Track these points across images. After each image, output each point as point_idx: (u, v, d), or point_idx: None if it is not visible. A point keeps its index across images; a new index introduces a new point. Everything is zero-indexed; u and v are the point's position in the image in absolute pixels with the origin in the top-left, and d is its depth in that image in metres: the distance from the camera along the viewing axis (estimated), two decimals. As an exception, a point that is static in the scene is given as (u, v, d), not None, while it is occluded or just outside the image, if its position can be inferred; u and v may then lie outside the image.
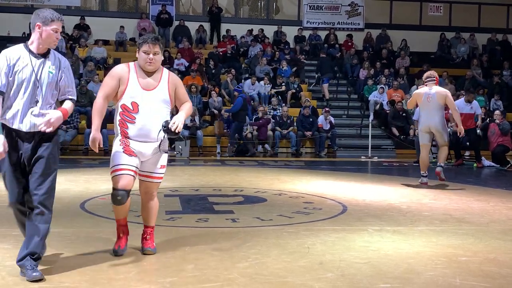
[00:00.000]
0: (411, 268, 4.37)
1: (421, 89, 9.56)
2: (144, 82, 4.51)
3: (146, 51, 4.48)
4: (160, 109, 4.51)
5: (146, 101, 4.47)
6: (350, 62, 20.27)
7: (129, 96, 4.47)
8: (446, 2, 22.74)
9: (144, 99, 4.47)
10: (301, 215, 6.51)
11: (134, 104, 4.46)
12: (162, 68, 4.62)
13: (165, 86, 4.55)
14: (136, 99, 4.46)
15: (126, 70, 4.54)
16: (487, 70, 20.43)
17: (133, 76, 4.51)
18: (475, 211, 6.95)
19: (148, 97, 4.48)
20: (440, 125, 9.20)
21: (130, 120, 4.48)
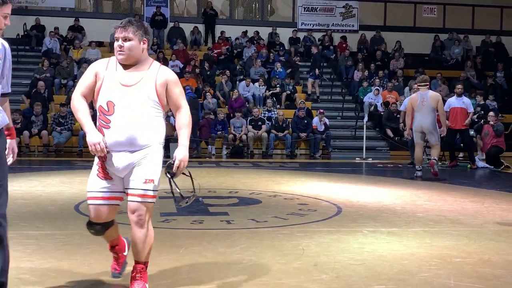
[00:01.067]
0: (405, 270, 4.38)
1: (414, 94, 10.76)
2: (123, 76, 3.63)
3: (116, 37, 3.67)
4: (142, 109, 3.59)
5: (123, 99, 3.57)
6: (344, 64, 20.30)
7: (104, 95, 3.61)
8: (440, 4, 22.81)
9: (121, 97, 3.57)
10: (296, 217, 6.52)
11: (110, 104, 3.58)
12: (151, 61, 3.76)
13: (150, 81, 3.63)
14: (112, 98, 3.58)
15: (105, 63, 3.73)
16: (481, 72, 20.50)
17: (111, 69, 3.67)
18: (469, 212, 6.97)
19: (127, 95, 3.58)
20: (431, 126, 10.24)
21: (105, 125, 3.59)
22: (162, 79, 3.67)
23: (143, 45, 3.67)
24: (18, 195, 7.71)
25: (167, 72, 3.75)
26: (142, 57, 3.68)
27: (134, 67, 3.66)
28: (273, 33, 21.49)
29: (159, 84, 3.65)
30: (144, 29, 3.68)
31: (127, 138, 3.57)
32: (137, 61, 3.65)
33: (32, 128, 14.92)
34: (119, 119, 3.56)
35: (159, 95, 3.65)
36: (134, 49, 3.63)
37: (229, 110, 16.64)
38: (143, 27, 3.70)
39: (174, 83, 3.72)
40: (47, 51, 19.04)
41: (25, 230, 5.60)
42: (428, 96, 10.30)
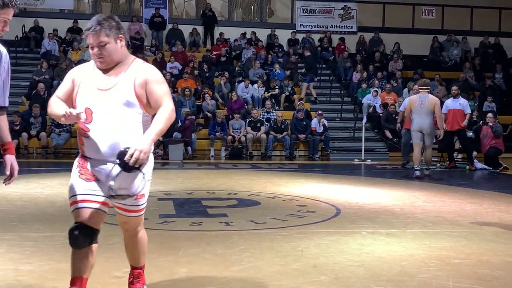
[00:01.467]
0: (404, 271, 4.38)
1: (414, 96, 11.17)
2: (100, 80, 3.31)
3: (90, 44, 3.30)
4: (122, 115, 3.23)
5: (101, 105, 3.24)
6: (343, 65, 20.32)
7: (81, 102, 3.29)
8: (439, 6, 22.84)
9: (98, 102, 3.24)
10: (295, 218, 6.52)
11: (88, 111, 3.25)
12: (132, 59, 3.39)
13: (128, 82, 3.26)
14: (89, 104, 3.26)
15: (83, 68, 3.44)
16: (480, 73, 20.52)
17: (88, 74, 3.35)
18: (468, 214, 6.97)
19: (104, 100, 3.24)
20: (429, 128, 10.75)
21: (84, 133, 3.29)
22: (141, 78, 3.28)
23: (120, 43, 3.30)
24: (17, 197, 7.70)
25: (148, 70, 3.35)
26: (122, 57, 3.33)
27: (113, 69, 3.32)
28: (271, 35, 21.51)
29: (138, 84, 3.27)
30: (116, 24, 3.28)
31: (108, 147, 3.22)
32: (118, 62, 3.32)
33: (30, 130, 14.92)
34: (98, 127, 3.23)
35: (139, 97, 3.26)
36: (114, 52, 3.28)
37: (228, 111, 16.65)
38: (115, 21, 3.29)
39: (155, 82, 3.30)
40: (45, 53, 19.05)
41: (24, 232, 5.59)
42: (426, 99, 10.77)
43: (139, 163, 3.06)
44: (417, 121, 10.75)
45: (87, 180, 3.28)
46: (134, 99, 3.25)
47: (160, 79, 3.34)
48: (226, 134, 15.63)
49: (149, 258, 4.61)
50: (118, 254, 4.72)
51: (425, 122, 10.68)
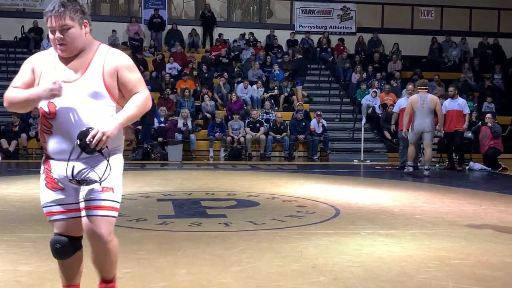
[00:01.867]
0: (403, 271, 4.38)
1: (415, 96, 11.35)
2: (64, 70, 2.96)
3: (50, 28, 2.91)
4: (89, 108, 2.91)
5: (66, 99, 2.89)
6: (342, 66, 20.32)
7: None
8: (438, 6, 22.85)
9: (63, 96, 2.89)
10: (294, 219, 6.52)
11: (50, 105, 2.92)
12: (97, 45, 3.04)
13: (96, 72, 2.94)
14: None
15: (43, 56, 3.07)
16: (479, 74, 20.53)
17: (49, 63, 3.00)
18: (467, 214, 6.97)
19: (69, 93, 2.90)
20: (430, 126, 11.08)
21: (47, 130, 2.98)
22: (110, 66, 2.95)
23: (85, 29, 2.95)
24: (16, 198, 7.70)
25: (117, 56, 3.01)
26: (86, 43, 2.98)
27: (76, 57, 2.96)
28: (271, 36, 21.51)
29: (107, 73, 2.94)
30: (81, 8, 2.95)
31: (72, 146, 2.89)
32: (81, 50, 2.97)
33: (29, 131, 14.92)
34: (62, 123, 2.91)
35: (109, 87, 2.94)
36: (77, 38, 2.91)
37: (227, 112, 16.65)
38: (79, 5, 2.95)
39: (126, 68, 2.99)
40: (44, 53, 19.02)
41: (23, 232, 5.59)
42: (427, 99, 11.08)
43: (101, 146, 2.80)
44: (418, 122, 11.04)
45: (54, 190, 3.03)
46: (103, 90, 2.93)
47: (131, 65, 3.04)
48: (225, 134, 15.63)
49: (148, 259, 4.62)
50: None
51: (426, 121, 11.01)
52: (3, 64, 18.07)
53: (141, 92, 3.00)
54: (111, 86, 2.95)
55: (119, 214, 3.07)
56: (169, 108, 16.15)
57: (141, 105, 2.98)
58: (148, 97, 3.04)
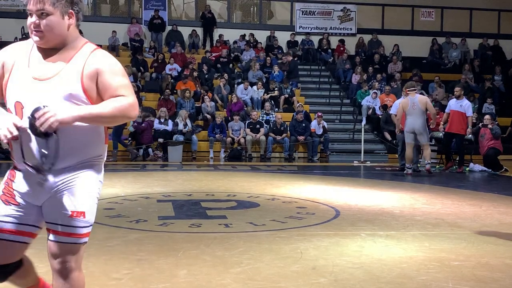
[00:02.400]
0: (404, 273, 4.37)
1: (405, 99, 11.80)
2: (38, 67, 2.57)
3: (29, 11, 2.54)
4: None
5: (35, 99, 2.49)
6: (342, 67, 20.33)
7: (12, 93, 2.56)
8: (438, 8, 22.86)
9: (32, 95, 2.50)
10: (294, 220, 6.51)
11: (18, 105, 2.54)
12: (83, 43, 2.66)
13: (74, 72, 2.54)
14: (20, 97, 2.53)
15: (19, 47, 2.66)
16: (479, 75, 20.54)
17: (24, 56, 2.60)
18: (468, 216, 6.97)
19: (39, 92, 2.50)
20: (422, 127, 11.51)
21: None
22: (91, 67, 2.56)
23: (68, 21, 2.58)
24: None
25: (102, 58, 2.61)
26: (69, 38, 2.60)
27: (56, 53, 2.59)
28: (271, 37, 21.52)
29: (87, 75, 2.55)
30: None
31: (41, 154, 2.50)
32: (61, 43, 2.59)
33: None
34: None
35: (87, 90, 2.54)
36: (56, 27, 2.53)
37: (228, 113, 16.65)
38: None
39: (110, 71, 2.58)
40: (45, 54, 19.03)
41: (22, 233, 5.57)
42: (417, 100, 11.58)
43: (46, 128, 2.36)
44: (409, 122, 11.54)
45: (6, 203, 2.63)
46: (80, 93, 2.53)
47: (117, 69, 2.62)
48: (225, 136, 15.63)
49: (148, 260, 4.61)
50: (117, 256, 4.72)
51: (417, 122, 11.48)
52: (3, 64, 18.03)
53: (125, 96, 2.55)
54: (89, 90, 2.55)
55: (119, 215, 3.06)
56: (170, 109, 16.16)
57: (118, 108, 2.50)
58: (132, 105, 2.56)
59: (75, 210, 2.58)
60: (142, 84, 18.33)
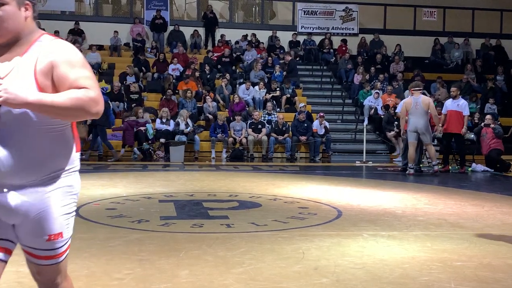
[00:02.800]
0: (406, 273, 4.37)
1: (408, 98, 11.90)
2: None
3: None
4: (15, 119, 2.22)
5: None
6: (344, 67, 20.31)
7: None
8: (440, 7, 22.84)
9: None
10: (296, 220, 6.51)
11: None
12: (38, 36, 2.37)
13: (27, 68, 2.25)
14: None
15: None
16: (481, 75, 20.51)
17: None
18: (470, 216, 6.96)
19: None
20: (424, 127, 11.55)
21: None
22: (44, 61, 2.25)
23: (25, 13, 2.35)
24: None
25: (56, 49, 2.29)
26: (24, 32, 2.33)
27: (9, 49, 2.31)
28: (273, 37, 21.51)
29: (41, 71, 2.24)
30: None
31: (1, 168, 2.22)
32: (15, 37, 2.31)
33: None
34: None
35: (44, 88, 2.23)
36: (11, 19, 2.27)
37: (229, 113, 16.64)
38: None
39: (66, 63, 2.26)
40: (47, 54, 19.04)
41: (24, 233, 5.58)
42: (420, 100, 11.60)
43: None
44: (412, 121, 11.57)
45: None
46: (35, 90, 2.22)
47: (75, 60, 2.31)
48: (227, 136, 15.62)
49: (150, 260, 4.61)
50: (119, 256, 4.72)
51: (420, 122, 11.51)
52: (6, 65, 18.02)
53: (87, 89, 2.22)
54: (45, 87, 2.23)
55: (121, 215, 3.05)
56: (171, 109, 16.16)
57: (74, 100, 2.16)
58: (93, 99, 2.22)
59: (51, 233, 2.37)
60: (144, 84, 18.33)
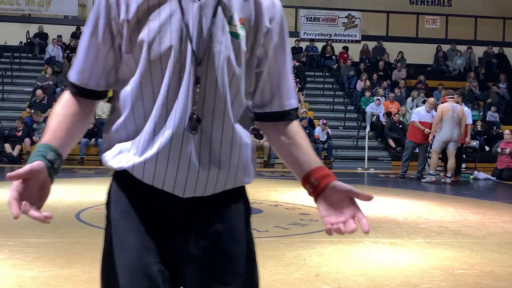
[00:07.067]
0: (407, 281, 4.35)
1: (446, 104, 11.45)
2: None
3: None
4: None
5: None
6: (346, 74, 20.33)
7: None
8: (443, 15, 22.87)
9: None
10: (297, 227, 6.49)
11: None
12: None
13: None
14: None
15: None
16: (484, 83, 20.52)
17: None
18: (472, 224, 6.94)
19: None
20: (459, 136, 11.35)
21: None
22: None
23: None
24: (19, 203, 7.68)
25: None
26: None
27: None
28: (275, 43, 21.52)
29: None
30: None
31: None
32: None
33: (33, 136, 14.94)
34: None
35: None
36: None
37: (231, 119, 16.63)
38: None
39: None
40: (49, 58, 19.09)
41: (26, 238, 5.58)
42: (457, 109, 11.35)
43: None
44: (448, 129, 11.21)
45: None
46: None
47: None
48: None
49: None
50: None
51: (456, 131, 11.25)
52: (8, 69, 18.14)
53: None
54: None
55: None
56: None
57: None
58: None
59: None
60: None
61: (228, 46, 1.50)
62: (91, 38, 1.53)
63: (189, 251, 1.55)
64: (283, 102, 1.67)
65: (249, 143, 1.62)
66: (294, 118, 1.70)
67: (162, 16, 1.47)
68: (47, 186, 1.51)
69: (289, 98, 1.68)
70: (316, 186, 1.71)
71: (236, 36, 1.50)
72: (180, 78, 1.47)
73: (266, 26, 1.56)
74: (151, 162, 1.50)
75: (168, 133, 1.47)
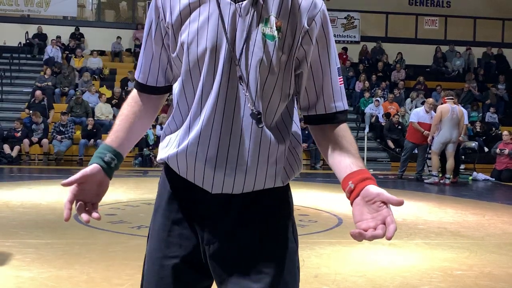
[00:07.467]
0: (406, 282, 4.35)
1: (445, 105, 11.36)
2: None
3: None
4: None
5: None
6: (345, 75, 20.33)
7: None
8: (442, 16, 22.88)
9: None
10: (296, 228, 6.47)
11: None
12: None
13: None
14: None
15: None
16: (483, 84, 20.53)
17: None
18: (471, 225, 6.94)
19: None
20: (456, 138, 11.32)
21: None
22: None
23: None
24: (18, 204, 7.69)
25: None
26: None
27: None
28: (275, 44, 21.53)
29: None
30: None
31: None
32: None
33: (32, 137, 14.93)
34: None
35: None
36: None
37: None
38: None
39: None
40: (48, 59, 19.08)
41: (24, 238, 5.57)
42: (457, 110, 11.33)
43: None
44: (447, 131, 11.20)
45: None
46: None
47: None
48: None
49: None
50: (119, 262, 4.71)
51: (455, 132, 11.25)
52: (7, 69, 18.14)
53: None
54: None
55: (121, 221, 3.05)
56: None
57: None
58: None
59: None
60: (145, 90, 18.33)
61: (263, 48, 1.52)
62: (147, 40, 1.67)
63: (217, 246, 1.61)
64: (328, 104, 1.68)
65: (284, 147, 1.66)
66: (340, 121, 1.73)
67: (201, 19, 1.54)
68: (104, 184, 1.71)
69: (335, 100, 1.69)
70: (352, 190, 1.70)
71: (271, 38, 1.53)
72: (214, 78, 1.53)
73: (304, 28, 1.57)
74: (182, 155, 1.60)
75: (197, 129, 1.56)
